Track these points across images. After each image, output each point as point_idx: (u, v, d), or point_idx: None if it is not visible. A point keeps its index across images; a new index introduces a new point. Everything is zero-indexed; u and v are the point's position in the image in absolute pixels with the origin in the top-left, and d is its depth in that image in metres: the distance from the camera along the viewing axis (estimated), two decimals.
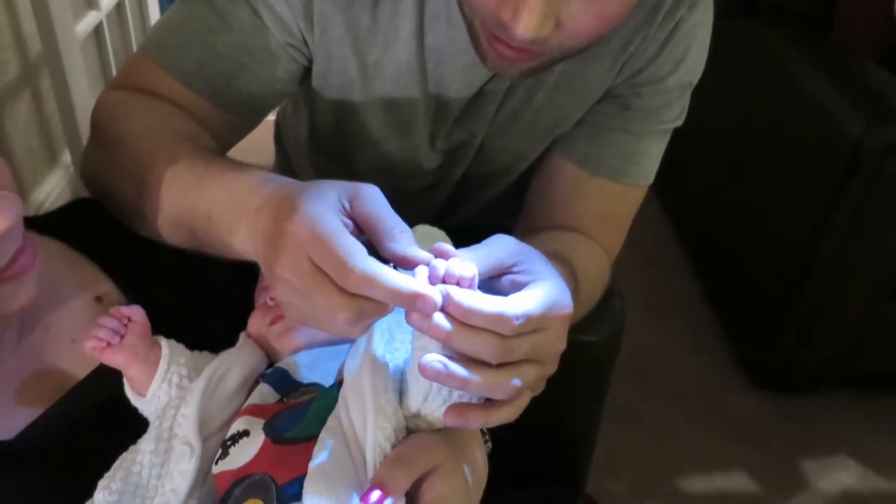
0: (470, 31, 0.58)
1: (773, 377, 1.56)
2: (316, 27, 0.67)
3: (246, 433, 0.48)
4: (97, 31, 1.71)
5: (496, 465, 0.54)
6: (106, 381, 0.55)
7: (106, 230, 0.66)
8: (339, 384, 0.50)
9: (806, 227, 1.38)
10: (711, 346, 1.67)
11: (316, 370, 0.52)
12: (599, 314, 0.76)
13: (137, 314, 0.53)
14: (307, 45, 0.69)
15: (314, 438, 0.46)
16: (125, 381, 0.54)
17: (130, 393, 0.53)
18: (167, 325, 0.56)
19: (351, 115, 0.76)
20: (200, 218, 0.54)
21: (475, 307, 0.41)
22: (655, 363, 1.61)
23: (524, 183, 0.84)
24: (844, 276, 1.37)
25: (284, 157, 1.01)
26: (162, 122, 0.64)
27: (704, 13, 0.71)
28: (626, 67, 0.72)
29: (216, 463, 0.48)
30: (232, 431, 0.49)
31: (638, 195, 0.79)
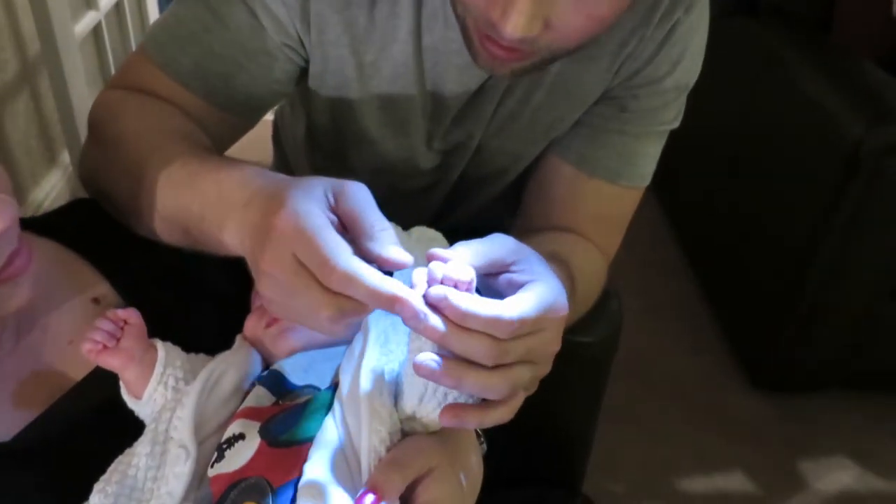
0: (462, 30, 0.59)
1: (772, 377, 1.56)
2: (313, 28, 0.67)
3: (241, 436, 0.48)
4: (96, 31, 1.71)
5: (492, 466, 0.54)
6: (103, 383, 0.55)
7: (103, 231, 0.66)
8: (334, 387, 0.50)
9: (805, 227, 1.37)
10: (710, 346, 1.67)
11: (311, 373, 0.52)
12: (596, 315, 0.76)
13: (133, 317, 0.53)
14: (304, 45, 0.69)
15: (310, 441, 0.46)
16: (121, 383, 0.54)
17: (126, 395, 0.53)
18: (163, 327, 0.56)
19: (348, 114, 0.76)
20: (193, 215, 0.54)
21: (472, 310, 0.41)
22: (654, 363, 1.61)
23: (522, 184, 0.84)
24: (844, 276, 1.37)
25: (282, 156, 1.01)
26: (158, 121, 0.65)
27: (701, 15, 0.71)
28: (622, 69, 0.72)
29: (212, 466, 0.48)
30: (227, 434, 0.49)
31: (635, 196, 0.79)
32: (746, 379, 1.59)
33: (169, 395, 0.52)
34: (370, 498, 0.41)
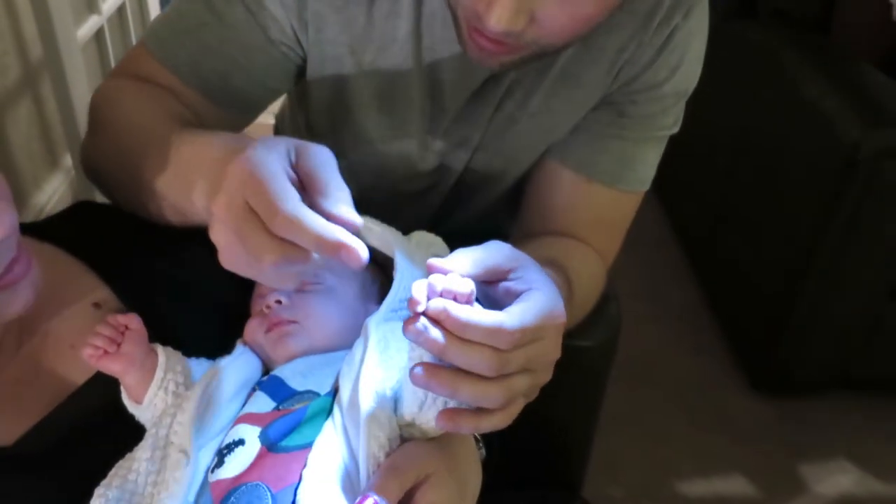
0: (454, 21, 0.60)
1: (771, 380, 1.56)
2: (310, 26, 0.68)
3: (241, 442, 0.48)
4: (98, 35, 1.71)
5: (491, 470, 0.54)
6: (104, 388, 0.55)
7: (104, 235, 0.66)
8: (334, 392, 0.51)
9: (804, 229, 1.38)
10: (710, 348, 1.67)
11: (311, 378, 0.52)
12: (595, 319, 0.76)
13: (134, 322, 0.53)
14: (301, 44, 0.70)
15: (309, 446, 0.47)
16: (122, 388, 0.54)
17: (127, 400, 0.54)
18: (164, 331, 0.56)
19: (346, 115, 0.76)
20: (173, 183, 0.55)
21: (472, 321, 0.41)
22: (654, 366, 1.61)
23: (520, 188, 0.85)
24: (843, 278, 1.37)
25: None
26: (152, 104, 0.66)
27: (700, 20, 0.71)
28: (621, 74, 0.72)
29: (212, 471, 0.48)
30: (227, 440, 0.49)
31: (634, 201, 0.79)
32: (746, 381, 1.59)
33: (169, 399, 0.52)
34: (369, 502, 0.41)
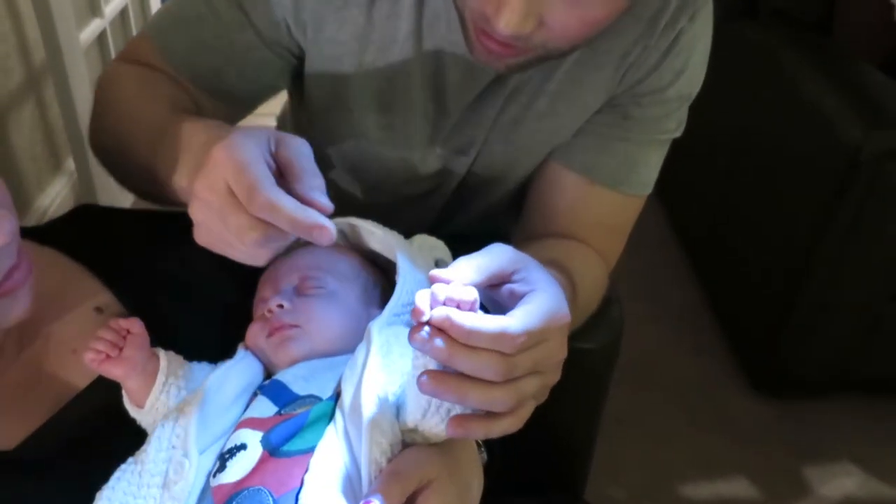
0: (461, 22, 0.60)
1: (773, 381, 1.55)
2: (309, 27, 0.68)
3: (243, 446, 0.48)
4: (101, 38, 1.72)
5: (493, 473, 0.54)
6: (105, 392, 0.55)
7: (106, 239, 0.67)
8: (336, 397, 0.51)
9: (805, 230, 1.37)
10: (711, 349, 1.66)
11: (313, 382, 0.52)
12: (597, 322, 0.76)
13: (136, 326, 0.53)
14: (299, 44, 0.70)
15: (311, 451, 0.47)
16: (124, 392, 0.54)
17: (129, 404, 0.54)
18: (166, 336, 0.56)
19: (346, 115, 0.76)
20: (164, 167, 0.57)
21: (476, 327, 0.41)
22: (656, 367, 1.61)
23: (523, 191, 0.85)
24: (844, 279, 1.37)
25: None
26: (149, 89, 0.68)
27: (705, 24, 0.71)
28: (627, 77, 0.72)
29: (213, 476, 0.48)
30: (229, 444, 0.49)
31: (637, 204, 0.79)
32: (748, 383, 1.58)
33: (171, 403, 0.53)
34: None
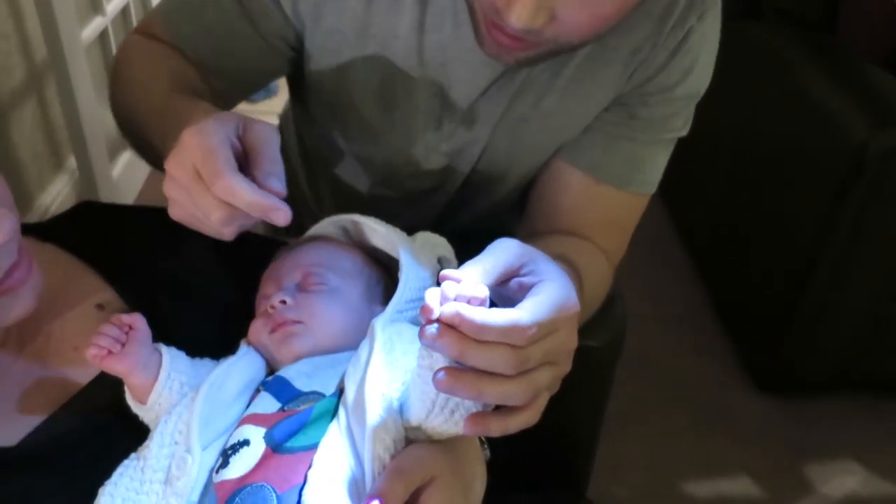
0: (471, 14, 0.60)
1: (777, 380, 1.55)
2: (307, 18, 0.69)
3: (246, 442, 0.48)
4: (102, 36, 1.72)
5: (496, 471, 0.54)
6: (108, 388, 0.55)
7: (107, 236, 0.67)
8: (339, 393, 0.50)
9: (810, 229, 1.37)
10: (715, 349, 1.66)
11: (316, 379, 0.52)
12: (600, 319, 0.76)
13: (138, 322, 0.53)
14: (298, 36, 0.71)
15: (314, 448, 0.47)
16: (126, 388, 0.54)
17: (131, 400, 0.54)
18: (168, 332, 0.56)
19: (348, 107, 0.76)
20: (161, 147, 0.59)
21: (487, 321, 0.40)
22: (659, 366, 1.61)
23: (526, 188, 0.84)
24: (849, 278, 1.37)
25: (285, 164, 1.01)
26: (158, 65, 0.71)
27: (713, 24, 0.71)
28: (635, 75, 0.72)
29: (216, 472, 0.48)
30: (232, 441, 0.49)
31: (641, 203, 0.79)
32: (751, 382, 1.58)
33: (173, 400, 0.52)
34: None
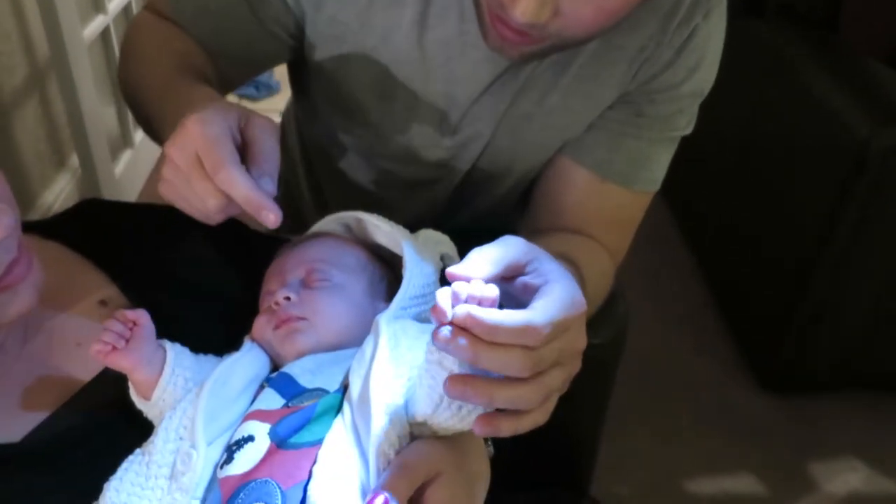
0: (476, 7, 0.60)
1: (779, 379, 1.55)
2: (307, 6, 0.69)
3: (251, 438, 0.48)
4: (104, 34, 1.72)
5: (499, 469, 0.54)
6: (112, 384, 0.55)
7: (110, 233, 0.67)
8: (343, 389, 0.50)
9: (812, 227, 1.37)
10: (717, 347, 1.66)
11: (321, 375, 0.52)
12: (603, 318, 0.76)
13: (142, 318, 0.53)
14: (299, 24, 0.71)
15: (319, 443, 0.47)
16: (130, 384, 0.54)
17: (135, 396, 0.54)
18: (172, 328, 0.56)
19: (348, 97, 0.76)
20: (163, 127, 0.61)
21: (500, 322, 0.40)
22: (661, 365, 1.61)
23: (529, 186, 0.84)
24: (851, 276, 1.36)
25: (287, 160, 1.01)
26: (166, 44, 0.72)
27: (718, 23, 0.71)
28: (640, 73, 0.72)
29: (221, 468, 0.48)
30: (237, 436, 0.49)
31: (645, 201, 0.79)
32: (754, 380, 1.58)
33: (178, 395, 0.53)
34: (380, 500, 0.41)
